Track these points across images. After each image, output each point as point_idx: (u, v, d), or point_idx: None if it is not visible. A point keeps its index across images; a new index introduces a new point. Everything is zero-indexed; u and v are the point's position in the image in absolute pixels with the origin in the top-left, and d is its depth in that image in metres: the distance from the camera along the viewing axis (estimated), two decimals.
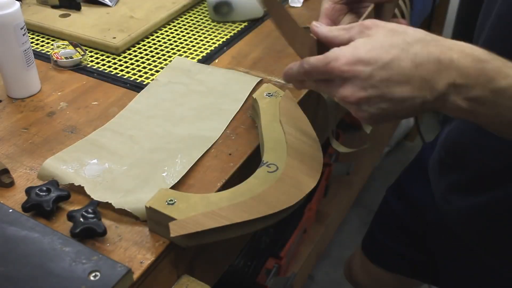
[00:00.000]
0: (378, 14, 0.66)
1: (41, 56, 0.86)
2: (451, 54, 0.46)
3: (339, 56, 0.49)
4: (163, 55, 0.87)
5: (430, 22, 1.66)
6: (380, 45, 0.48)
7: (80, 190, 0.59)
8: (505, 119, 0.48)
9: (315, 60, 0.51)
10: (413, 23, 1.22)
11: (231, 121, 0.72)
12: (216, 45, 0.90)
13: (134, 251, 0.53)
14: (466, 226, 0.75)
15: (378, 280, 1.07)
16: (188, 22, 0.98)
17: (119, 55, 0.87)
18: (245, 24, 0.96)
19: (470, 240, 0.76)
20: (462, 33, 1.91)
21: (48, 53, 0.87)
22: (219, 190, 0.61)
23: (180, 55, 0.87)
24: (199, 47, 0.89)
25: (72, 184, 0.60)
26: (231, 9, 0.94)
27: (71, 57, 0.84)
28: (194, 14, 1.01)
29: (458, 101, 0.47)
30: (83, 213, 0.54)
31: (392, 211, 0.99)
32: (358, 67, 0.47)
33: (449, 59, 0.46)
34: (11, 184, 0.61)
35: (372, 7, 0.65)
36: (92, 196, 0.58)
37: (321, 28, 0.54)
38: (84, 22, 0.93)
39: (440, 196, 0.80)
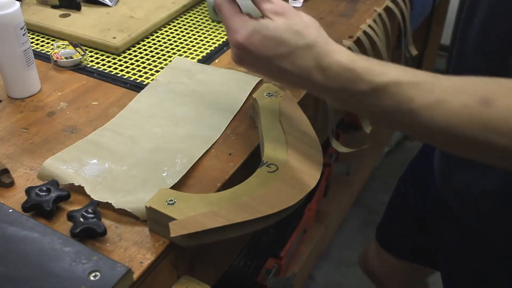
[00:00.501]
0: None
1: (41, 56, 0.87)
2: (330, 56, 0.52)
3: (239, 30, 0.56)
4: (163, 55, 0.87)
5: (430, 22, 1.66)
6: (274, 36, 0.54)
7: (80, 190, 0.59)
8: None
9: (225, 10, 0.58)
10: (413, 23, 1.22)
11: (231, 121, 0.72)
12: (216, 45, 0.90)
13: (134, 251, 0.53)
14: (466, 204, 0.75)
15: (393, 269, 1.08)
16: (188, 22, 0.98)
17: (119, 55, 0.87)
18: None
19: (468, 218, 0.76)
20: None
21: (48, 53, 0.87)
22: (219, 190, 0.61)
23: (180, 55, 0.87)
24: (199, 47, 0.89)
25: (72, 184, 0.60)
26: None
27: (71, 57, 0.84)
28: (194, 14, 1.01)
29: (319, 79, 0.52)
30: (83, 213, 0.54)
31: (403, 198, 1.00)
32: (249, 47, 0.55)
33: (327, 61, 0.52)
34: (11, 184, 0.61)
35: None
36: (92, 196, 0.58)
37: None
38: (84, 22, 0.93)
39: (440, 173, 0.80)
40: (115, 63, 0.85)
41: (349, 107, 0.54)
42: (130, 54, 0.88)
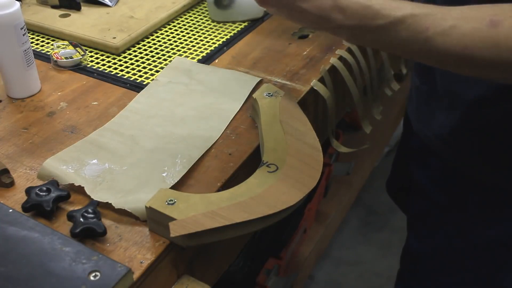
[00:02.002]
0: None
1: (41, 56, 0.87)
2: None
3: None
4: (163, 55, 0.87)
5: None
6: None
7: (80, 190, 0.59)
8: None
9: None
10: None
11: (231, 121, 0.72)
12: (216, 45, 0.90)
13: (134, 251, 0.53)
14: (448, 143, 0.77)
15: None
16: (188, 22, 0.98)
17: (119, 55, 0.87)
18: (245, 24, 0.96)
19: (450, 156, 0.78)
20: None
21: (48, 53, 0.87)
22: (219, 190, 0.61)
23: (180, 55, 0.87)
24: (199, 47, 0.89)
25: (72, 184, 0.60)
26: (232, 1, 0.94)
27: (71, 57, 0.84)
28: (194, 14, 1.01)
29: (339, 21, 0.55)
30: (83, 213, 0.54)
31: (403, 144, 1.02)
32: None
33: None
34: (11, 184, 0.61)
35: None
36: (92, 196, 0.58)
37: None
38: (84, 22, 0.93)
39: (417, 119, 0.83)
40: (115, 63, 0.85)
41: (366, 42, 0.60)
42: (130, 54, 0.88)
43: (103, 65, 0.85)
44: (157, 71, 0.83)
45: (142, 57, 0.87)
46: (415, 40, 0.53)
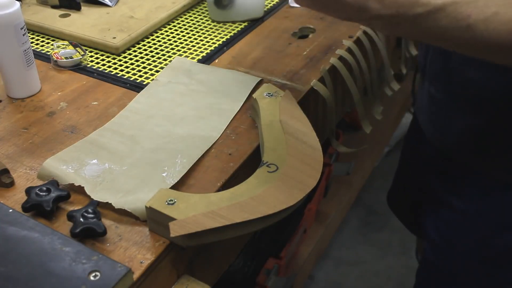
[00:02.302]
0: None
1: (41, 56, 0.87)
2: None
3: None
4: (163, 55, 0.87)
5: None
6: None
7: (80, 190, 0.59)
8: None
9: None
10: None
11: (231, 121, 0.72)
12: (216, 45, 0.90)
13: (134, 251, 0.53)
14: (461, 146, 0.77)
15: None
16: (188, 22, 0.98)
17: (119, 55, 0.87)
18: (245, 24, 0.96)
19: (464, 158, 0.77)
20: None
21: (48, 53, 0.87)
22: (219, 190, 0.61)
23: (180, 55, 0.87)
24: (199, 47, 0.89)
25: (72, 184, 0.60)
26: (232, 2, 0.94)
27: (71, 57, 0.84)
28: (194, 14, 1.01)
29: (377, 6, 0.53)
30: (83, 213, 0.54)
31: (408, 154, 1.01)
32: None
33: None
34: (11, 184, 0.61)
35: None
36: (92, 196, 0.58)
37: None
38: (84, 22, 0.93)
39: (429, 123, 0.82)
40: (115, 63, 0.85)
41: (402, 32, 0.58)
42: (130, 54, 0.88)
43: (103, 65, 0.85)
44: (157, 71, 0.83)
45: (142, 57, 0.87)
46: (455, 28, 0.52)
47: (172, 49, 0.89)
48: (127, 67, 0.84)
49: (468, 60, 0.68)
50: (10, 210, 0.54)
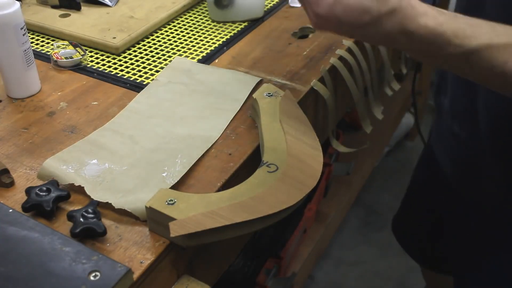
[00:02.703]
0: None
1: (41, 56, 0.87)
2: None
3: (319, 1, 0.52)
4: (163, 55, 0.87)
5: None
6: (356, 5, 0.50)
7: (80, 190, 0.59)
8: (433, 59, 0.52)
9: None
10: None
11: (231, 121, 0.72)
12: (216, 45, 0.90)
13: (134, 251, 0.53)
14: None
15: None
16: (188, 22, 0.98)
17: (119, 55, 0.87)
18: (245, 24, 0.96)
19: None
20: None
21: (48, 53, 0.87)
22: (219, 190, 0.61)
23: (180, 55, 0.87)
24: (199, 47, 0.89)
25: (72, 184, 0.60)
26: (232, 2, 0.94)
27: (71, 57, 0.84)
28: (194, 14, 1.01)
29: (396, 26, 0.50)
30: (83, 213, 0.54)
31: (420, 185, 0.97)
32: (331, 18, 0.52)
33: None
34: (11, 184, 0.61)
35: None
36: (92, 196, 0.58)
37: None
38: (84, 22, 0.93)
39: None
40: (115, 63, 0.85)
41: (433, 64, 0.56)
42: (130, 54, 0.88)
43: (103, 65, 0.85)
44: (157, 71, 0.83)
45: (142, 57, 0.87)
46: (490, 73, 0.49)
47: (172, 49, 0.89)
48: (127, 67, 0.84)
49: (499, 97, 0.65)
50: (10, 210, 0.54)
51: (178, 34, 0.94)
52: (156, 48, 0.89)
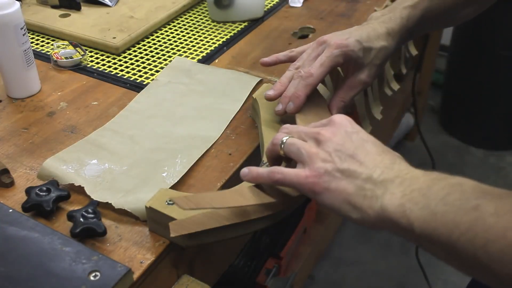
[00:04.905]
0: None
1: (41, 56, 0.87)
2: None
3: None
4: (163, 55, 0.87)
5: None
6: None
7: (80, 190, 0.59)
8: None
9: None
10: None
11: (231, 121, 0.72)
12: (216, 45, 0.90)
13: (134, 251, 0.53)
14: None
15: None
16: (188, 22, 0.98)
17: (119, 55, 0.87)
18: (245, 24, 0.96)
19: None
20: (461, 33, 1.91)
21: (48, 53, 0.87)
22: (219, 190, 0.61)
23: (180, 55, 0.87)
24: (199, 47, 0.89)
25: (72, 184, 0.60)
26: (232, 2, 0.94)
27: (71, 57, 0.84)
28: (194, 14, 1.01)
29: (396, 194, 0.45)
30: (83, 213, 0.54)
31: None
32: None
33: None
34: (11, 184, 0.61)
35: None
36: (92, 196, 0.58)
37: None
38: (84, 22, 0.93)
39: None
40: (115, 63, 0.85)
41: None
42: (130, 54, 0.88)
43: (103, 65, 0.85)
44: (157, 71, 0.83)
45: (142, 57, 0.87)
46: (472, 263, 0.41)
47: (172, 49, 0.89)
48: (127, 67, 0.84)
49: None
50: (10, 210, 0.54)
51: (178, 34, 0.94)
52: (156, 48, 0.89)
